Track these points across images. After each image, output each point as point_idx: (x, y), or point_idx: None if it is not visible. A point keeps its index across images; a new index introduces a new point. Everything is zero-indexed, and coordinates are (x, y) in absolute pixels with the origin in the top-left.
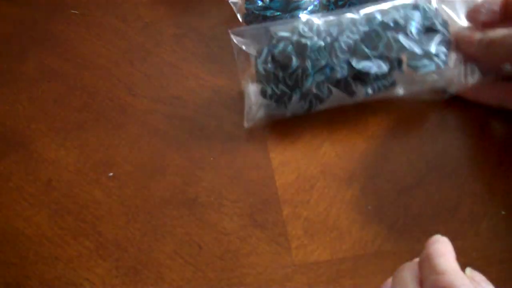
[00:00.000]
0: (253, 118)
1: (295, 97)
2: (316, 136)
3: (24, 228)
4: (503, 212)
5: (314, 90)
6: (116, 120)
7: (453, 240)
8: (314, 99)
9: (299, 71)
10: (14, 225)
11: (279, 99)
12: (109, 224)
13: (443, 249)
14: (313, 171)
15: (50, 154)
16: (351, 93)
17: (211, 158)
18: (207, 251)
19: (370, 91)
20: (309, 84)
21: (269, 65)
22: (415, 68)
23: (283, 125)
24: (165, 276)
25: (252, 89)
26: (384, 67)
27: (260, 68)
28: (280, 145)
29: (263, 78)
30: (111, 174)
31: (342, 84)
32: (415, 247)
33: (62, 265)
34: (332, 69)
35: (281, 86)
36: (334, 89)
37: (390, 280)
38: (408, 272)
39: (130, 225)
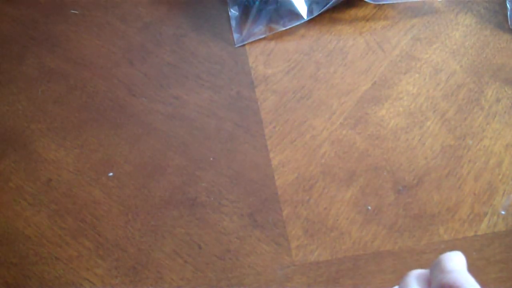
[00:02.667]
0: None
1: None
2: (316, 136)
3: (24, 228)
4: (503, 212)
5: None
6: (116, 120)
7: (453, 240)
8: None
9: None
10: (14, 225)
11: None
12: (109, 224)
13: (454, 256)
14: (313, 171)
15: (50, 154)
16: None
17: (211, 158)
18: (207, 251)
19: None
20: None
21: None
22: None
23: (283, 124)
24: (165, 276)
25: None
26: None
27: None
28: (280, 145)
29: None
30: (111, 174)
31: None
32: (415, 247)
33: (62, 265)
34: None
35: None
36: None
37: None
38: (415, 277)
39: (130, 225)
